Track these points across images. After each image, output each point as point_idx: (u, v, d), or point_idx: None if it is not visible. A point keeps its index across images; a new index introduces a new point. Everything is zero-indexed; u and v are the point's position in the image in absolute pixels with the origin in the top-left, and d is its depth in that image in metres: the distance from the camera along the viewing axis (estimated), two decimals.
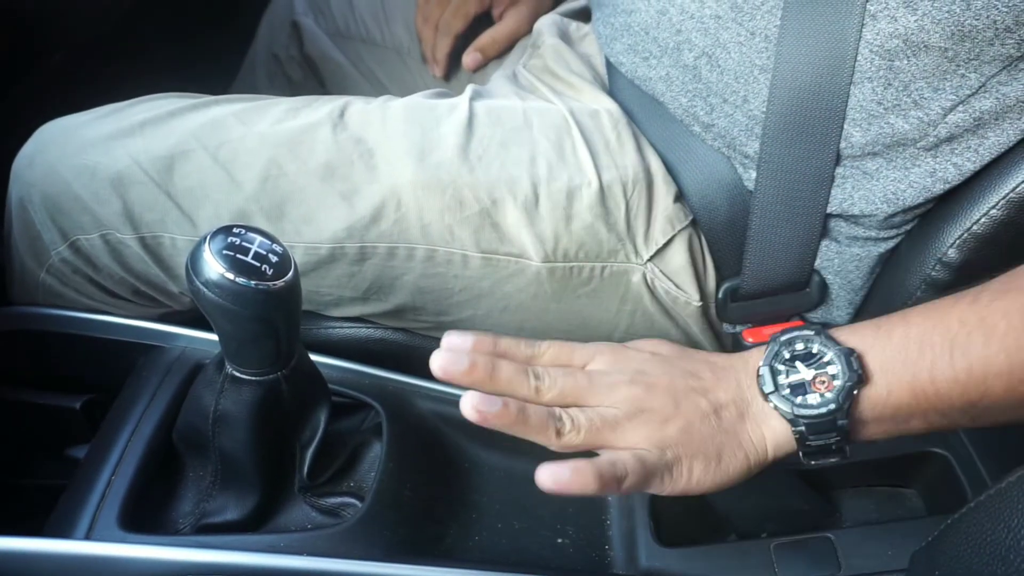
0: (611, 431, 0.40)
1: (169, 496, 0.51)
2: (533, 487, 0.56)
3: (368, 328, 0.61)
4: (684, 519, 0.55)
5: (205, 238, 0.41)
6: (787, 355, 0.43)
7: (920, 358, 0.40)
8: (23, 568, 0.44)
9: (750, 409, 0.43)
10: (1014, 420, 0.41)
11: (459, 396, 0.57)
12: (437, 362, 0.39)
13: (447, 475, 0.55)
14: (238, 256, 0.41)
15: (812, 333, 0.43)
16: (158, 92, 0.59)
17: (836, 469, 0.55)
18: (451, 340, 0.41)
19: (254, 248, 0.42)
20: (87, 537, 0.46)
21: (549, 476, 0.37)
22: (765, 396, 0.42)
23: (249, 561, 0.44)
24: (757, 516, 0.53)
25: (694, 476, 0.41)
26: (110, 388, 0.56)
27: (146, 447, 0.50)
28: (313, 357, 0.51)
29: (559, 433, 0.39)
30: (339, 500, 0.51)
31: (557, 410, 0.40)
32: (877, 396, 0.41)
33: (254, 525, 0.49)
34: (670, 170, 0.59)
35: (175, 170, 0.54)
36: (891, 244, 0.57)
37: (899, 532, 0.50)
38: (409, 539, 0.49)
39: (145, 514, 0.48)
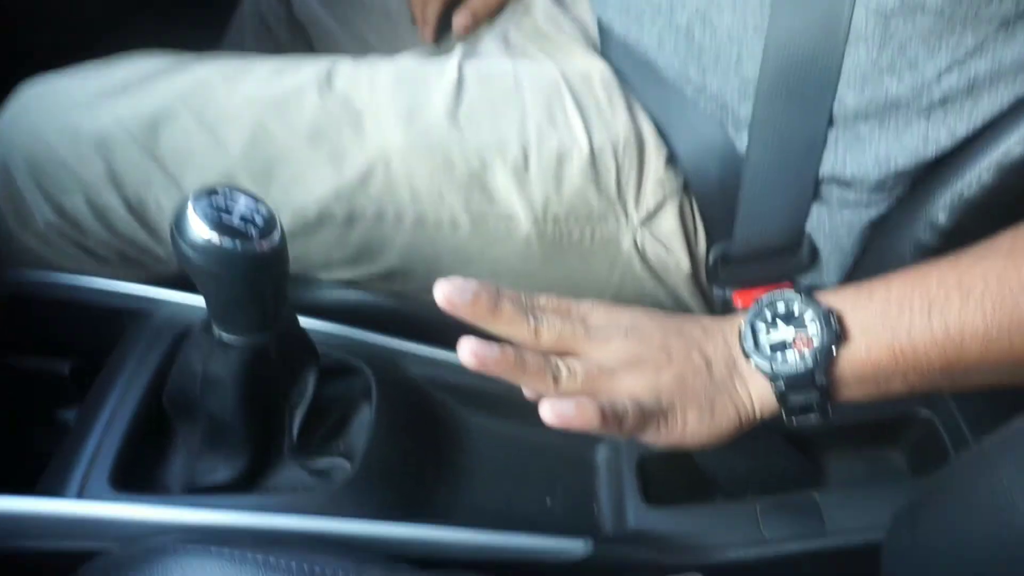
0: (607, 379, 0.40)
1: (159, 458, 0.51)
2: (522, 449, 0.57)
3: (357, 292, 0.61)
4: (672, 481, 0.56)
5: (188, 199, 0.40)
6: (769, 315, 0.44)
7: (899, 318, 0.41)
8: (16, 527, 0.45)
9: (736, 366, 0.44)
10: (992, 383, 0.42)
11: (449, 360, 0.58)
12: (441, 290, 0.38)
13: (437, 437, 0.55)
14: (223, 218, 0.40)
15: (794, 294, 0.44)
16: (142, 52, 0.58)
17: (822, 431, 0.56)
18: (454, 279, 0.40)
19: (239, 209, 0.41)
20: (79, 496, 0.46)
21: (551, 410, 0.36)
22: (746, 354, 0.43)
23: (240, 521, 0.45)
24: (744, 478, 0.54)
25: (688, 426, 0.41)
26: (98, 352, 0.56)
27: (135, 410, 0.50)
28: (302, 320, 0.51)
29: (556, 380, 0.39)
30: (329, 462, 0.51)
31: (554, 358, 0.40)
32: (856, 355, 0.42)
33: (244, 486, 0.50)
34: (662, 133, 0.58)
35: (160, 132, 0.53)
36: (882, 209, 0.57)
37: (883, 492, 0.51)
38: (399, 500, 0.49)
39: (136, 475, 0.48)
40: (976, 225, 0.52)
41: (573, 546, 0.48)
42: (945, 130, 0.51)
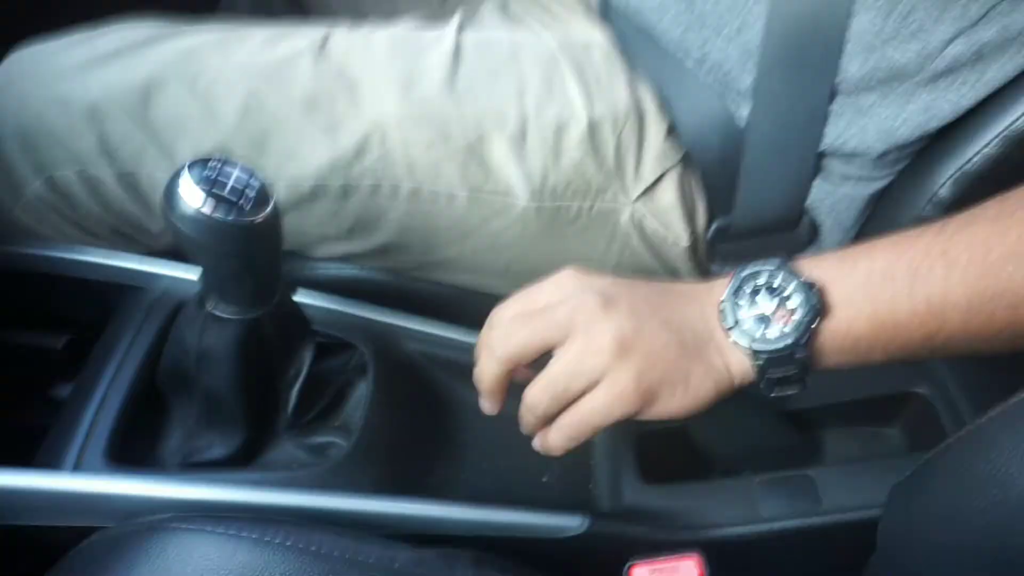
0: (589, 415, 0.43)
1: (155, 434, 0.51)
2: (518, 427, 0.57)
3: (353, 269, 0.60)
4: (669, 458, 0.56)
5: (180, 171, 0.40)
6: (748, 289, 0.42)
7: (882, 289, 0.40)
8: (11, 501, 0.44)
9: (713, 338, 0.42)
10: (971, 352, 0.41)
11: (445, 336, 0.58)
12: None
13: (433, 414, 0.55)
14: (214, 190, 0.39)
15: (774, 267, 0.42)
16: (134, 17, 0.57)
17: (818, 409, 0.56)
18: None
19: (231, 183, 0.40)
20: (75, 471, 0.46)
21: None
22: (725, 331, 0.42)
23: (236, 497, 0.45)
24: (740, 456, 0.54)
25: (664, 403, 0.41)
26: (92, 327, 0.55)
27: (130, 385, 0.50)
28: (297, 296, 0.50)
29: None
30: (325, 439, 0.51)
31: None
32: (837, 328, 0.41)
33: (241, 463, 0.49)
34: (662, 106, 0.57)
35: (151, 102, 0.52)
36: (883, 183, 0.56)
37: (879, 469, 0.51)
38: (395, 476, 0.49)
39: (132, 450, 0.48)
40: (978, 197, 0.51)
41: (569, 522, 0.48)
42: (948, 103, 0.50)
